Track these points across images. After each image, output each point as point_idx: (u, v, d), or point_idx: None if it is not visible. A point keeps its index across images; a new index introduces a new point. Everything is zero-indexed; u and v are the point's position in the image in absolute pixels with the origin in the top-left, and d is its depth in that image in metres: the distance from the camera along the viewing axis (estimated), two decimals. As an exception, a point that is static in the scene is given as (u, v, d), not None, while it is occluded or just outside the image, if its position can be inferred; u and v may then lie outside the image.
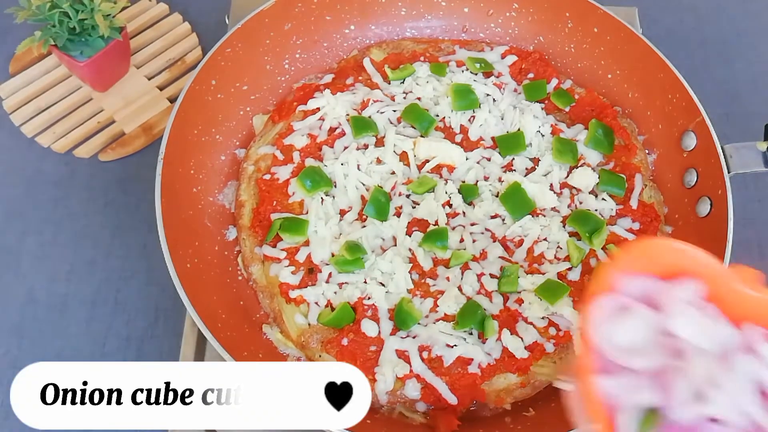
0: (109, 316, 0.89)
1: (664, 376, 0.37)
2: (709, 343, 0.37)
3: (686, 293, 0.39)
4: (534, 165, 0.88)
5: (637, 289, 0.40)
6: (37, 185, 0.97)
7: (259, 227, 0.84)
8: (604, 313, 0.39)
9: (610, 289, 0.40)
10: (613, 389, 0.38)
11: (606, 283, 0.40)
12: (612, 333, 0.39)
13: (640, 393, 0.37)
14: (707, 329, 0.37)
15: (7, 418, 0.83)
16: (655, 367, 0.37)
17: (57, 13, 0.89)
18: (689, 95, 0.86)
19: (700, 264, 0.40)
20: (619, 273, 0.40)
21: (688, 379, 0.36)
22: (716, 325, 0.38)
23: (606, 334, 0.39)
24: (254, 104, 0.93)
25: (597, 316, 0.39)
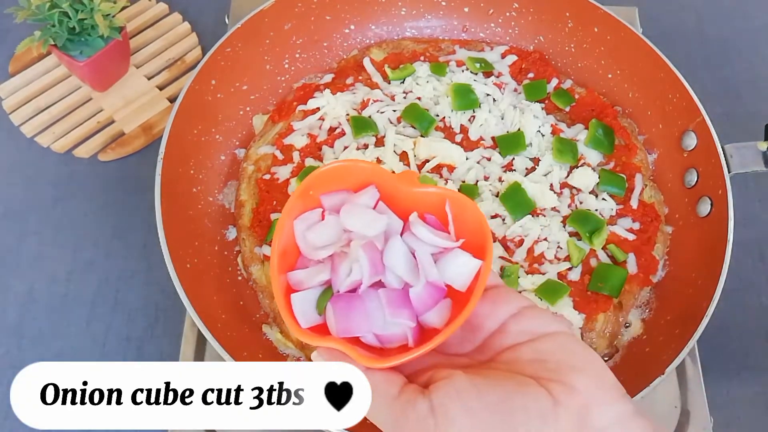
0: (108, 316, 0.89)
1: (335, 260, 0.48)
2: (372, 231, 0.48)
3: (364, 198, 0.50)
4: (534, 165, 0.88)
5: (334, 201, 0.50)
6: (37, 185, 0.97)
7: (259, 227, 0.84)
8: (306, 224, 0.50)
9: (313, 206, 0.50)
10: (302, 277, 0.48)
11: (309, 200, 0.50)
12: (310, 237, 0.49)
13: (320, 274, 0.48)
14: (371, 221, 0.48)
15: (7, 418, 0.83)
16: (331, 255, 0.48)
17: (57, 13, 0.89)
18: (689, 95, 0.86)
19: (377, 175, 0.50)
20: (320, 192, 0.50)
21: (350, 258, 0.47)
22: (378, 216, 0.49)
23: (306, 240, 0.49)
24: (254, 104, 0.93)
25: (299, 226, 0.49)
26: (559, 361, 0.43)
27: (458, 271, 0.47)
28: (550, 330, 0.45)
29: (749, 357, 0.90)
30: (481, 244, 0.47)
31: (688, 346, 0.72)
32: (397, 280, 0.47)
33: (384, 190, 0.51)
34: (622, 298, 0.81)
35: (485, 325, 0.47)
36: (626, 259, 0.82)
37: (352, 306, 0.46)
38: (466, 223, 0.49)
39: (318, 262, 0.49)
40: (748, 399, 0.87)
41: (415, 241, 0.48)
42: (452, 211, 0.49)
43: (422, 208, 0.50)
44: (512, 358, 0.44)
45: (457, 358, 0.46)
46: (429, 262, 0.47)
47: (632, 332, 0.81)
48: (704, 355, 0.82)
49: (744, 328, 0.91)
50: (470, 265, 0.47)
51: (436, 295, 0.47)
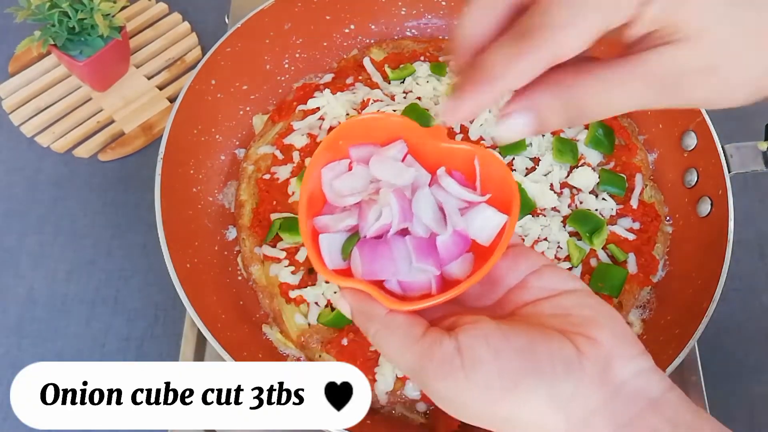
0: (108, 316, 0.89)
1: (363, 206, 0.49)
2: (401, 180, 0.49)
3: (392, 151, 0.51)
4: (534, 165, 0.87)
5: (362, 153, 0.51)
6: (37, 185, 0.97)
7: (259, 227, 0.84)
8: (334, 173, 0.51)
9: (342, 156, 0.51)
10: (328, 221, 0.49)
11: (337, 150, 0.51)
12: (337, 185, 0.50)
13: (347, 219, 0.49)
14: (400, 171, 0.49)
15: (7, 418, 0.83)
16: (358, 201, 0.50)
17: (56, 13, 0.89)
18: (689, 95, 0.86)
19: (406, 129, 0.51)
20: (348, 144, 0.51)
21: (378, 204, 0.48)
22: (407, 168, 0.50)
23: (333, 188, 0.50)
24: (254, 104, 0.93)
25: (327, 175, 0.50)
26: (581, 316, 0.44)
27: (483, 225, 0.48)
28: (569, 287, 0.47)
29: (749, 357, 0.90)
30: (507, 201, 0.48)
31: (688, 346, 0.72)
32: (423, 228, 0.48)
33: (412, 145, 0.52)
34: (622, 298, 0.81)
35: (506, 280, 0.48)
36: (626, 258, 0.82)
37: (378, 250, 0.47)
38: (493, 180, 0.50)
39: (344, 209, 0.50)
40: (749, 399, 0.87)
41: (442, 193, 0.50)
42: (480, 167, 0.50)
43: (450, 163, 0.51)
44: (534, 312, 0.46)
45: (477, 312, 0.47)
46: (456, 212, 0.49)
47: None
48: (704, 355, 0.82)
49: (744, 328, 0.91)
50: (495, 220, 0.48)
51: (461, 246, 0.48)
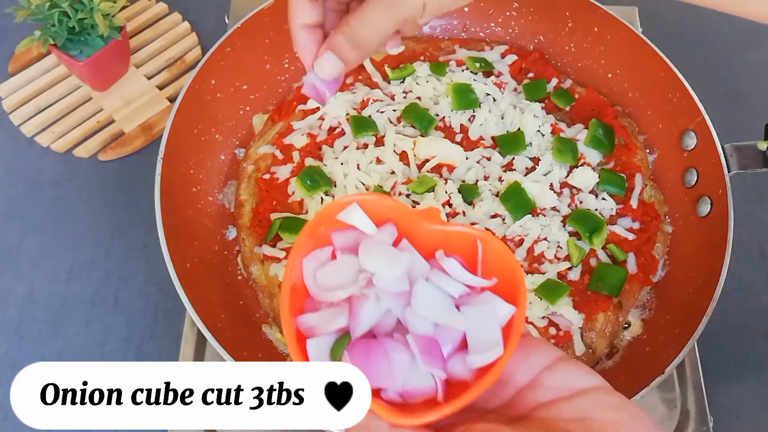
0: (108, 316, 0.89)
1: (353, 303, 0.44)
2: (394, 270, 0.44)
3: (382, 236, 0.46)
4: (534, 164, 0.88)
5: (347, 239, 0.47)
6: (37, 185, 0.97)
7: (259, 227, 0.84)
8: (316, 263, 0.46)
9: (322, 243, 0.47)
10: (314, 322, 0.44)
11: (318, 237, 0.47)
12: (321, 278, 0.45)
13: (336, 319, 0.44)
14: (393, 259, 0.44)
15: (7, 419, 0.83)
16: (348, 297, 0.45)
17: (56, 13, 0.89)
18: (689, 94, 0.86)
19: (395, 211, 0.47)
20: (330, 229, 0.47)
21: (369, 301, 0.43)
22: (400, 254, 0.45)
23: (316, 280, 0.46)
24: (254, 104, 0.93)
25: (308, 266, 0.46)
26: (603, 420, 0.41)
27: (488, 316, 0.44)
28: (588, 385, 0.43)
29: (749, 356, 0.90)
30: (513, 289, 0.44)
31: (688, 346, 0.72)
32: (425, 325, 0.44)
33: (403, 229, 0.47)
34: (622, 298, 0.81)
35: (516, 378, 0.44)
36: (626, 258, 0.82)
37: (372, 354, 0.43)
38: (495, 267, 0.46)
39: (330, 304, 0.45)
40: (748, 398, 0.87)
41: (442, 280, 0.45)
42: (481, 252, 0.46)
43: (446, 248, 0.47)
44: (551, 415, 0.41)
45: (486, 415, 0.43)
46: (452, 307, 0.44)
47: (632, 332, 0.82)
48: (704, 355, 0.83)
49: (744, 327, 0.91)
50: (502, 311, 0.44)
51: (464, 341, 0.44)
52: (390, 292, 0.44)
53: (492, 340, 0.43)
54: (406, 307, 0.44)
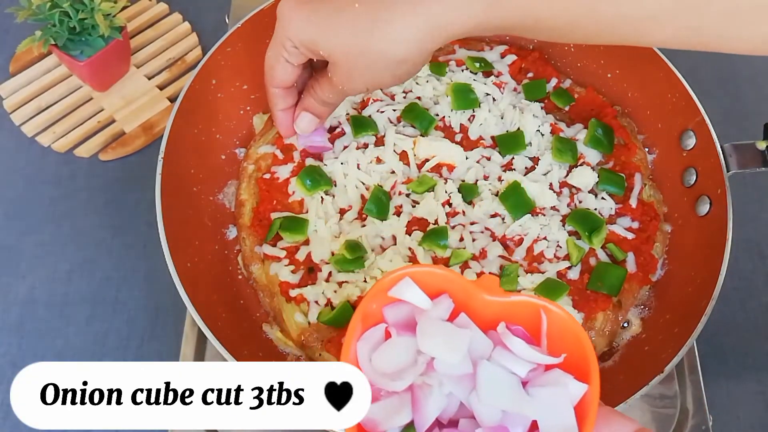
0: (109, 316, 0.89)
1: (415, 393, 0.41)
2: (455, 356, 0.41)
3: (437, 310, 0.43)
4: (534, 164, 0.88)
5: (399, 314, 0.44)
6: (37, 185, 0.98)
7: (259, 226, 0.84)
8: (371, 344, 0.43)
9: (375, 321, 0.44)
10: (376, 414, 0.41)
11: (370, 315, 0.44)
12: (377, 362, 0.42)
13: (399, 414, 0.41)
14: (453, 339, 0.41)
15: (7, 418, 0.83)
16: (411, 385, 0.42)
17: (57, 13, 0.89)
18: (689, 94, 0.86)
19: (450, 281, 0.44)
20: (382, 304, 0.44)
21: (434, 393, 0.40)
22: (461, 333, 0.42)
23: (372, 364, 0.43)
24: (254, 103, 0.93)
25: (363, 349, 0.43)
26: None
27: (557, 397, 0.41)
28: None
29: (748, 356, 0.90)
30: (581, 362, 0.41)
31: (687, 345, 0.72)
32: (494, 412, 0.41)
33: (458, 300, 0.44)
34: (622, 297, 0.81)
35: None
36: (625, 258, 0.83)
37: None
38: (560, 337, 0.43)
39: (390, 392, 0.42)
40: (748, 398, 0.87)
41: (507, 359, 0.42)
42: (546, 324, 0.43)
43: (506, 318, 0.44)
44: None
45: None
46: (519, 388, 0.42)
47: (631, 331, 0.82)
48: (703, 354, 0.83)
49: (743, 327, 0.91)
50: (573, 390, 0.41)
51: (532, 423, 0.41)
52: (453, 376, 0.41)
53: (566, 426, 0.40)
54: (471, 392, 0.41)
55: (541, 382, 0.42)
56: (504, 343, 0.43)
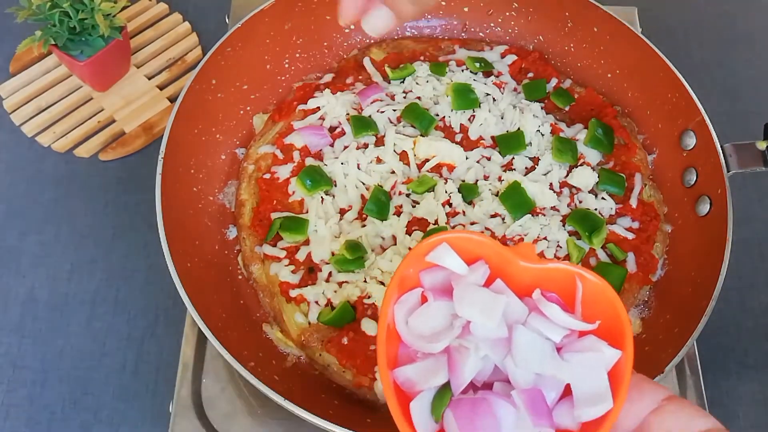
0: (109, 316, 0.89)
1: (452, 354, 0.42)
2: (491, 320, 0.42)
3: (474, 276, 0.44)
4: (534, 164, 0.88)
5: (435, 279, 0.45)
6: (37, 185, 0.98)
7: (260, 226, 0.84)
8: (407, 308, 0.44)
9: (412, 285, 0.45)
10: (412, 375, 0.42)
11: (406, 279, 0.45)
12: (413, 324, 0.43)
13: (436, 375, 0.42)
14: (489, 304, 0.42)
15: (7, 419, 0.83)
16: (447, 347, 0.43)
17: (57, 13, 0.90)
18: (689, 94, 0.86)
19: (486, 248, 0.44)
20: (419, 269, 0.44)
21: (471, 355, 0.41)
22: (497, 297, 0.43)
23: (409, 327, 0.44)
24: (254, 103, 0.94)
25: (400, 312, 0.44)
26: None
27: (591, 362, 0.41)
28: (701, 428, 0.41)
29: (748, 356, 0.90)
30: (615, 328, 0.42)
31: (688, 345, 0.72)
32: (528, 375, 0.42)
33: (494, 266, 0.45)
34: (622, 297, 0.81)
35: (623, 425, 0.41)
36: (625, 258, 0.83)
37: (478, 413, 0.41)
38: (595, 304, 0.43)
39: (426, 354, 0.43)
40: (747, 398, 0.87)
41: (542, 324, 0.43)
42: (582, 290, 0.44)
43: (541, 285, 0.45)
44: None
45: None
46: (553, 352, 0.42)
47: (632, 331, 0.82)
48: (703, 354, 0.83)
49: (743, 327, 0.91)
50: (607, 356, 0.42)
51: (564, 388, 0.42)
52: (488, 339, 0.42)
53: (600, 391, 0.41)
54: (506, 356, 0.42)
55: (576, 347, 0.42)
56: (539, 309, 0.43)
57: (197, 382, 0.80)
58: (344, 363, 0.76)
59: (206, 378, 0.80)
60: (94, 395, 0.85)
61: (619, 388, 0.40)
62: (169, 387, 0.80)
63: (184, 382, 0.79)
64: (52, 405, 0.84)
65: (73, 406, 0.84)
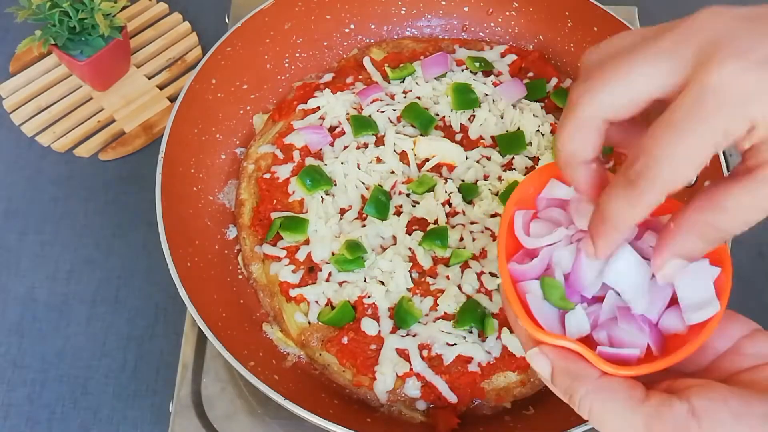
0: (109, 315, 0.89)
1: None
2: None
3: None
4: (534, 164, 0.88)
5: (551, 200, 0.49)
6: (37, 184, 0.98)
7: (260, 226, 0.84)
8: (524, 218, 0.48)
9: (527, 204, 0.49)
10: (529, 268, 0.46)
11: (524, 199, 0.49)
12: (533, 231, 0.48)
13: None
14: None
15: (7, 418, 0.83)
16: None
17: (57, 13, 0.90)
18: (689, 94, 0.86)
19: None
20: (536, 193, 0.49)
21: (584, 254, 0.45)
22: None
23: (525, 233, 0.48)
24: (254, 103, 0.94)
25: (518, 221, 0.48)
26: None
27: (694, 277, 0.44)
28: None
29: (748, 356, 0.90)
30: (715, 255, 0.45)
31: (688, 345, 0.72)
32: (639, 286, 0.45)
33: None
34: (622, 297, 0.81)
35: (716, 344, 0.45)
36: (626, 258, 0.82)
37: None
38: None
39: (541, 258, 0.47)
40: (748, 398, 0.87)
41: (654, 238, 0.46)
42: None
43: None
44: (756, 379, 0.42)
45: (685, 377, 0.43)
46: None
47: (632, 331, 0.82)
48: (703, 354, 0.83)
49: (743, 326, 0.91)
50: (708, 272, 0.44)
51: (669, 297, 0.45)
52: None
53: (707, 297, 0.44)
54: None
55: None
56: (649, 228, 0.47)
57: (197, 382, 0.80)
58: (344, 363, 0.76)
59: (206, 378, 0.80)
60: (94, 395, 0.85)
61: (721, 298, 0.43)
62: (169, 387, 0.80)
63: (184, 381, 0.79)
64: (52, 405, 0.84)
65: (72, 406, 0.84)
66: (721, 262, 0.44)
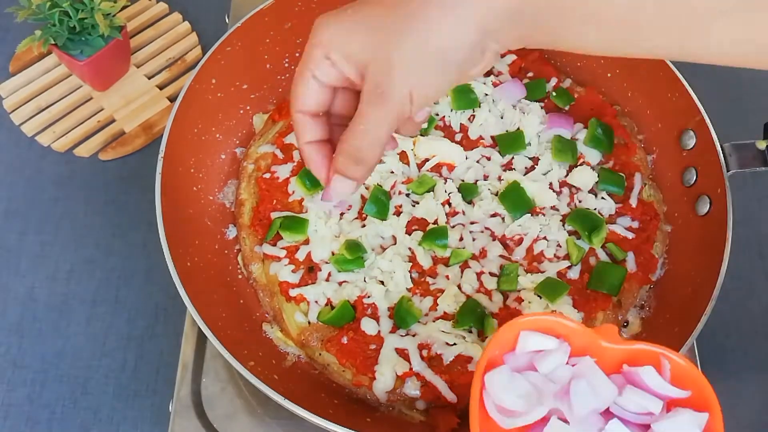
0: (109, 315, 0.89)
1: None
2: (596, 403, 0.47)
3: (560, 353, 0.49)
4: (534, 164, 0.88)
5: (519, 362, 0.50)
6: (37, 184, 0.98)
7: (259, 226, 0.84)
8: (500, 381, 0.48)
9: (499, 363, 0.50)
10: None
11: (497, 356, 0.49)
12: (503, 399, 0.48)
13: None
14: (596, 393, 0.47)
15: (7, 418, 0.83)
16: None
17: (57, 12, 0.90)
18: (688, 94, 0.86)
19: (572, 330, 0.49)
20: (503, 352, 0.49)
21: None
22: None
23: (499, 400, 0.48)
24: (254, 103, 0.94)
25: (491, 387, 0.48)
26: None
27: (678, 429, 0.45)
28: None
29: (748, 356, 0.90)
30: (700, 402, 0.46)
31: (687, 345, 0.72)
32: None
33: (577, 347, 0.49)
34: (621, 297, 0.81)
35: None
36: (625, 257, 0.83)
37: None
38: (680, 383, 0.48)
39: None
40: (747, 398, 0.87)
41: (638, 395, 0.46)
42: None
43: (629, 361, 0.48)
44: None
45: None
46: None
47: (631, 331, 0.82)
48: (703, 354, 0.83)
49: (743, 327, 0.91)
50: (694, 420, 0.45)
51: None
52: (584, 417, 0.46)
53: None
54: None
55: (665, 418, 0.46)
56: (633, 381, 0.47)
57: (197, 382, 0.80)
58: (344, 362, 0.76)
59: (206, 378, 0.80)
60: (94, 395, 0.85)
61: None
62: (169, 387, 0.80)
63: (184, 381, 0.79)
64: (52, 405, 0.84)
65: (72, 406, 0.84)
66: (708, 408, 0.45)
